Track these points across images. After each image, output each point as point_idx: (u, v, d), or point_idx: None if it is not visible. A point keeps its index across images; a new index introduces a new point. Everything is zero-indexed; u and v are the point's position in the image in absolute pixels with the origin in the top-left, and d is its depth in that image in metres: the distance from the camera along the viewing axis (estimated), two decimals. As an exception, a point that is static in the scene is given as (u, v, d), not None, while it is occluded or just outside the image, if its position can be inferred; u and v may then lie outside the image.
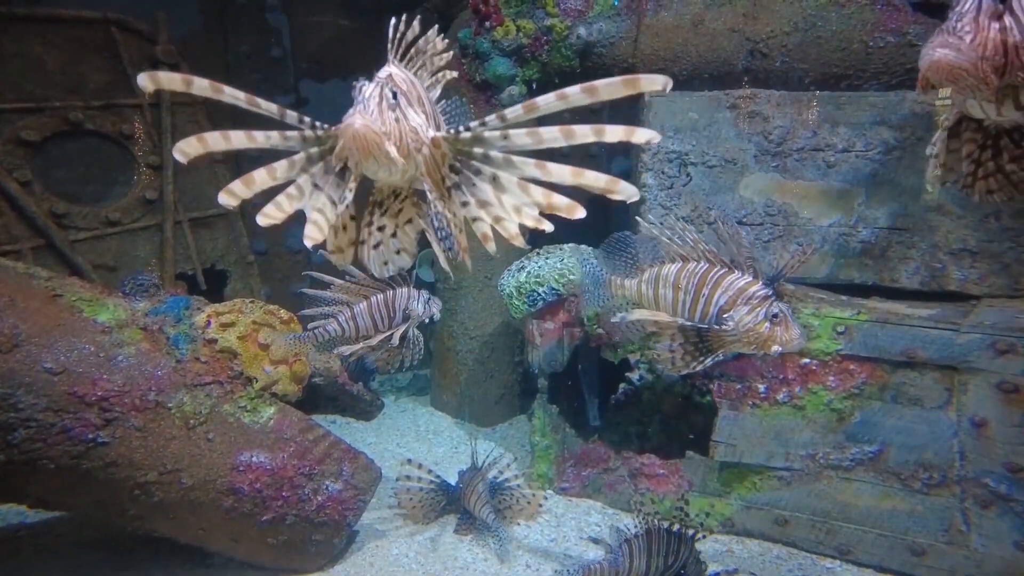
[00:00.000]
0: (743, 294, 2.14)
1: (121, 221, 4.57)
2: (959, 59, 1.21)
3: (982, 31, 1.21)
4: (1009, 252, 3.60)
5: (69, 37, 4.41)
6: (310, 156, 1.57)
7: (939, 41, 1.23)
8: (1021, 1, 1.22)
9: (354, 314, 2.69)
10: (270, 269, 5.67)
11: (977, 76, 1.21)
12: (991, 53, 1.21)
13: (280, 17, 5.33)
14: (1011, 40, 1.21)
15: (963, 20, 1.23)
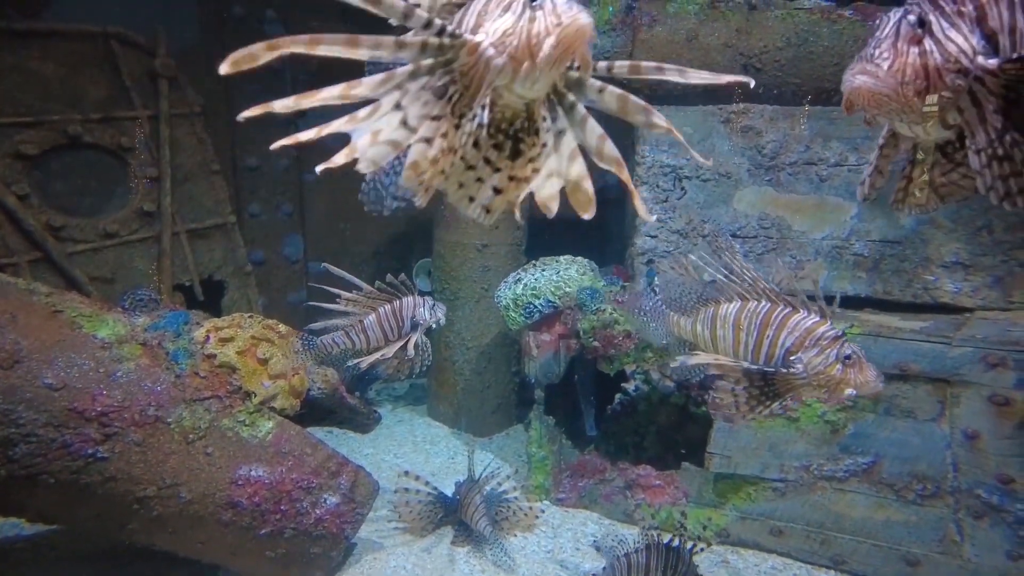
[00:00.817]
0: (811, 335, 2.02)
1: (118, 233, 4.58)
2: (879, 86, 1.22)
3: (901, 56, 1.22)
4: (1001, 265, 3.65)
5: (68, 51, 4.42)
6: (417, 70, 1.25)
7: (859, 68, 1.23)
8: (941, 23, 1.22)
9: (364, 326, 2.72)
10: (268, 279, 5.69)
11: (900, 101, 1.22)
12: (911, 78, 1.21)
13: (279, 29, 5.36)
14: (931, 63, 1.21)
15: (882, 46, 1.23)
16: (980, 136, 1.25)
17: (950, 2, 1.24)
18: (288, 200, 5.72)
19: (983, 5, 1.23)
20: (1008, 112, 1.22)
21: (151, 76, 4.71)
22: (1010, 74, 1.19)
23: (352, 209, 5.88)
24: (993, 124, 1.23)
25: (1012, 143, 1.21)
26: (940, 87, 1.21)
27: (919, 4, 1.25)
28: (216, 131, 5.15)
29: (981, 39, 1.23)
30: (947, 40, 1.22)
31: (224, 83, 5.29)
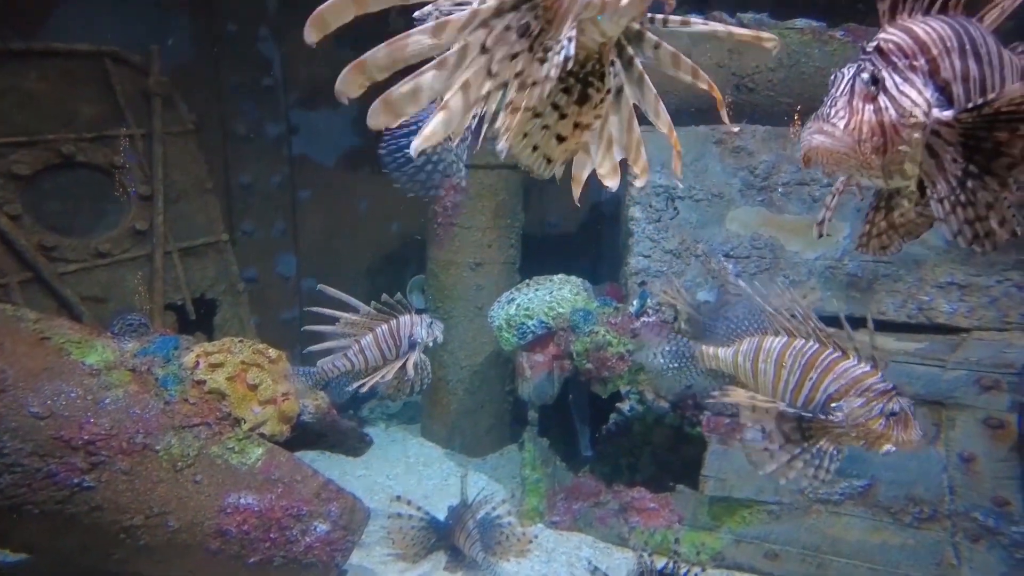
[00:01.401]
0: (859, 384, 1.91)
1: (111, 252, 4.56)
2: (836, 145, 1.21)
3: (857, 115, 1.21)
4: (996, 286, 3.65)
5: (63, 70, 4.42)
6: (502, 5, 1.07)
7: (815, 128, 1.23)
8: (895, 79, 1.22)
9: (362, 347, 2.71)
10: (261, 297, 5.67)
11: (858, 159, 1.22)
12: (868, 135, 1.21)
13: (272, 47, 5.38)
14: (887, 120, 1.21)
15: (837, 105, 1.23)
16: (941, 185, 1.24)
17: (902, 56, 1.24)
18: (281, 217, 5.71)
19: (934, 58, 1.23)
20: (968, 158, 1.21)
21: (145, 94, 4.70)
22: (966, 123, 1.19)
23: (346, 226, 5.93)
24: (953, 172, 1.22)
25: (974, 189, 1.21)
26: (897, 142, 1.21)
27: (872, 60, 1.24)
28: (209, 149, 5.14)
29: (935, 91, 1.23)
30: (901, 96, 1.22)
31: (218, 101, 5.30)
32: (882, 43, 1.25)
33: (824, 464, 1.94)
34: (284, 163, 5.62)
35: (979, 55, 1.25)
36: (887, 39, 1.25)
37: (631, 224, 3.87)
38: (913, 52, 1.23)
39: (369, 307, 2.80)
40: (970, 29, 1.27)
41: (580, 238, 6.21)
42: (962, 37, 1.25)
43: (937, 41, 1.23)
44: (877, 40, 1.26)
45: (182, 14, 5.04)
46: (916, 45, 1.23)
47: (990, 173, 1.19)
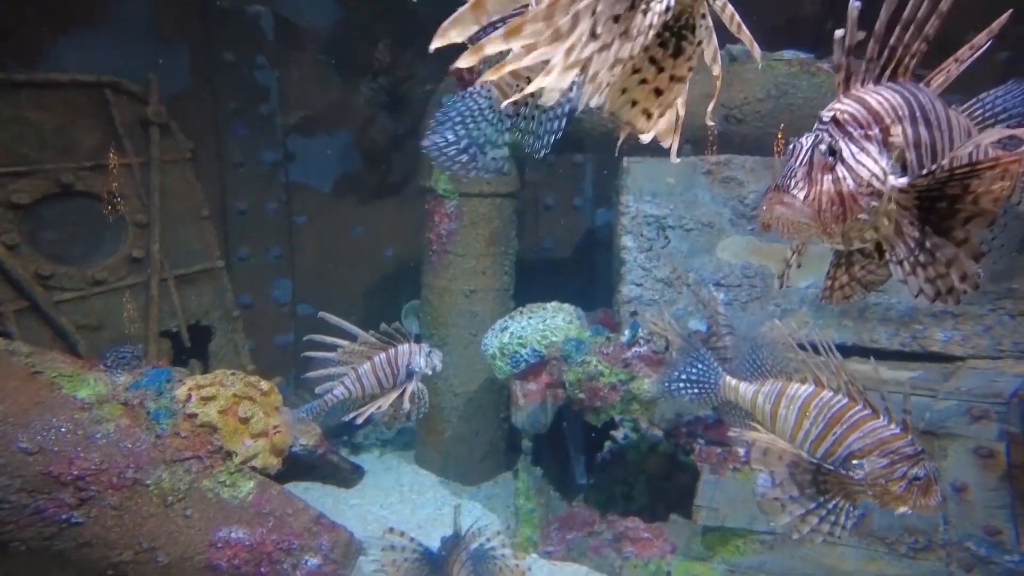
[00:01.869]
0: (886, 446, 1.87)
1: (107, 280, 4.57)
2: (796, 216, 1.23)
3: (815, 185, 1.23)
4: (990, 315, 3.68)
5: (64, 100, 4.46)
6: None
7: (776, 198, 1.24)
8: (851, 149, 1.25)
9: (359, 375, 2.70)
10: (255, 322, 5.68)
11: (818, 227, 1.24)
12: (827, 205, 1.23)
13: (269, 75, 5.44)
14: (845, 190, 1.23)
15: (796, 176, 1.25)
16: (900, 248, 1.27)
17: (857, 126, 1.26)
18: (277, 243, 5.74)
19: (888, 127, 1.26)
20: (924, 220, 1.24)
21: (143, 123, 4.75)
22: (920, 188, 1.22)
23: (341, 251, 5.96)
24: (911, 235, 1.25)
25: (933, 247, 1.23)
26: (856, 211, 1.23)
27: (828, 131, 1.26)
28: (206, 176, 5.19)
29: (889, 159, 1.26)
30: (858, 165, 1.24)
31: (215, 128, 5.36)
32: (838, 114, 1.27)
33: (840, 520, 1.90)
34: (281, 189, 5.67)
35: (929, 120, 1.28)
36: (843, 110, 1.28)
37: (623, 253, 3.90)
38: (868, 122, 1.26)
39: (368, 335, 2.81)
40: (919, 96, 1.30)
41: (575, 263, 6.25)
42: (912, 104, 1.28)
43: (889, 110, 1.26)
44: (833, 111, 1.28)
45: (180, 44, 5.11)
46: (870, 115, 1.26)
47: (947, 231, 1.22)
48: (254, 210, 5.57)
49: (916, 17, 1.24)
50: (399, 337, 2.77)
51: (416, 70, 5.45)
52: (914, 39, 1.27)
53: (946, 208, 1.21)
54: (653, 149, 1.42)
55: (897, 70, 1.30)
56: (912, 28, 1.25)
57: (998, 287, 3.78)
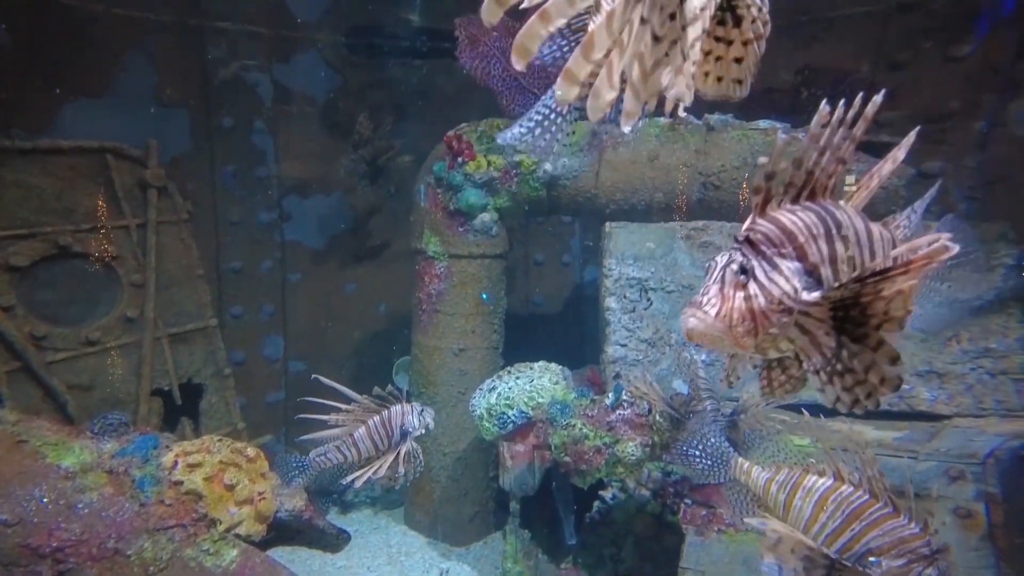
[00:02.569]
0: (904, 545, 1.85)
1: (100, 340, 4.63)
2: (709, 330, 1.28)
3: (727, 302, 1.28)
4: (971, 374, 3.74)
5: (66, 165, 4.57)
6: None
7: (691, 312, 1.30)
8: (763, 267, 1.30)
9: (355, 440, 2.74)
10: (247, 379, 5.71)
11: (730, 341, 1.29)
12: (739, 321, 1.28)
13: (266, 138, 5.61)
14: (756, 307, 1.28)
15: (710, 293, 1.31)
16: (816, 358, 1.31)
17: (770, 246, 1.31)
18: (270, 301, 5.82)
19: (801, 244, 1.31)
20: (839, 330, 1.28)
21: (142, 186, 4.86)
22: (834, 300, 1.27)
23: (334, 308, 6.03)
24: (827, 345, 1.29)
25: (850, 356, 1.27)
26: (767, 326, 1.28)
27: (741, 251, 1.32)
28: (202, 235, 5.30)
29: (803, 275, 1.31)
30: (770, 283, 1.29)
31: (212, 190, 5.50)
32: (751, 235, 1.33)
33: None
34: (276, 248, 5.78)
35: (846, 237, 1.34)
36: (756, 230, 1.33)
37: (607, 314, 3.97)
38: (780, 241, 1.31)
39: (363, 398, 2.86)
40: (836, 214, 1.36)
41: (565, 317, 6.33)
42: (828, 222, 1.33)
43: (803, 229, 1.31)
44: (747, 232, 1.34)
45: (181, 109, 5.29)
46: (783, 234, 1.31)
47: (862, 338, 1.26)
48: (249, 268, 5.66)
49: (833, 143, 1.31)
50: (392, 399, 2.82)
51: (396, 141, 5.68)
52: (831, 163, 1.33)
53: (860, 316, 1.25)
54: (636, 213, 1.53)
55: (816, 191, 1.36)
56: (829, 153, 1.32)
57: (975, 347, 3.85)
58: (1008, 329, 3.85)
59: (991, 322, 3.87)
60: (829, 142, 1.30)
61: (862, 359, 1.25)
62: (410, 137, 5.74)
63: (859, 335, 1.26)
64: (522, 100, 4.18)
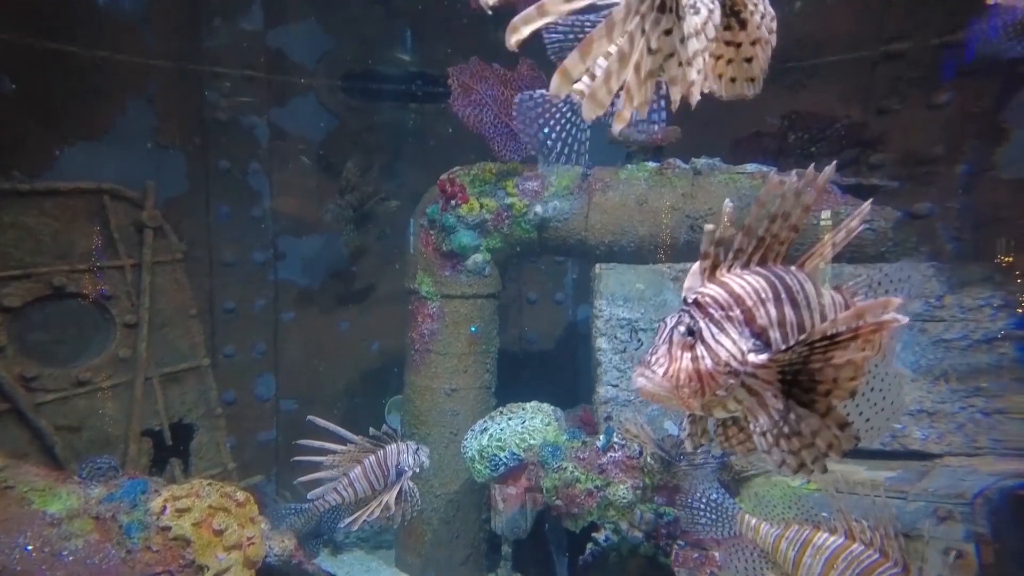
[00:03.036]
0: None
1: (91, 381, 4.61)
2: (655, 390, 1.31)
3: (675, 362, 1.30)
4: (961, 412, 3.76)
5: (63, 206, 4.59)
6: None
7: (639, 371, 1.33)
8: (711, 330, 1.32)
9: (351, 480, 2.76)
10: (238, 419, 5.67)
11: (678, 401, 1.31)
12: (685, 381, 1.29)
13: (262, 180, 5.69)
14: (703, 368, 1.30)
15: (658, 353, 1.33)
16: (763, 420, 1.32)
17: (718, 309, 1.34)
18: (263, 340, 5.82)
19: (750, 308, 1.34)
20: (787, 393, 1.29)
21: (138, 227, 4.90)
22: (781, 363, 1.28)
23: (326, 346, 6.04)
24: (774, 407, 1.30)
25: (797, 419, 1.27)
26: (713, 387, 1.30)
27: (690, 313, 1.35)
28: (196, 274, 5.32)
29: (751, 337, 1.33)
30: (717, 345, 1.31)
31: (207, 231, 5.55)
32: (700, 297, 1.37)
33: None
34: (269, 288, 5.80)
35: (796, 301, 1.37)
36: (704, 294, 1.37)
37: (598, 355, 4.00)
38: (728, 304, 1.34)
39: (358, 438, 2.86)
40: (786, 279, 1.38)
41: (558, 355, 6.34)
42: (777, 287, 1.36)
43: (752, 293, 1.34)
44: (696, 295, 1.38)
45: (178, 151, 5.37)
46: (731, 298, 1.34)
47: (810, 403, 1.26)
48: (242, 308, 5.68)
49: (784, 211, 1.35)
50: (387, 439, 2.83)
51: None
52: (784, 230, 1.37)
53: (807, 382, 1.26)
54: (625, 255, 1.57)
55: (767, 256, 1.40)
56: (779, 220, 1.36)
57: (965, 386, 3.88)
58: (1001, 369, 3.87)
59: (980, 361, 3.90)
60: (781, 210, 1.35)
61: (809, 424, 1.26)
62: (404, 179, 5.84)
63: (807, 399, 1.27)
64: (513, 146, 4.28)
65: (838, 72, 5.01)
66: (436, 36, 5.83)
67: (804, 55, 5.10)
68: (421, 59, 5.93)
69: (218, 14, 5.29)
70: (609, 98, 1.21)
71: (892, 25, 4.73)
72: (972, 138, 4.52)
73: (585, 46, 1.16)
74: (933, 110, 4.60)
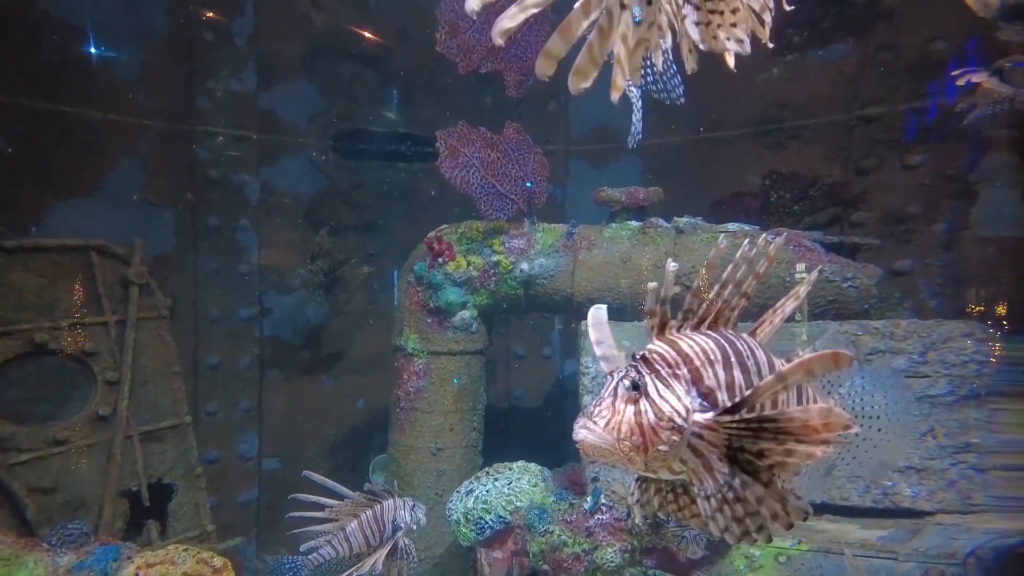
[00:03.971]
0: None
1: (69, 439, 4.50)
2: (596, 441, 1.29)
3: (617, 415, 1.30)
4: (952, 469, 3.73)
5: (50, 262, 4.57)
6: None
7: (581, 423, 1.32)
8: (656, 385, 1.32)
9: (347, 534, 2.72)
10: (220, 477, 5.54)
11: (618, 454, 1.30)
12: (627, 434, 1.28)
13: (250, 236, 5.71)
14: (645, 422, 1.29)
15: (602, 405, 1.33)
16: (708, 483, 1.30)
17: (665, 366, 1.35)
18: (247, 397, 5.74)
19: (697, 368, 1.34)
20: (734, 459, 1.28)
21: (123, 283, 4.87)
22: (729, 427, 1.28)
23: (310, 404, 5.95)
24: (719, 470, 1.29)
25: (742, 485, 1.26)
26: (656, 442, 1.28)
27: (636, 368, 1.35)
28: (181, 331, 5.28)
29: (698, 397, 1.32)
30: (661, 400, 1.30)
31: (195, 287, 5.53)
32: (647, 353, 1.38)
33: None
34: (254, 344, 5.76)
35: (745, 365, 1.38)
36: (652, 350, 1.38)
37: (586, 412, 3.96)
38: (676, 362, 1.35)
39: (355, 494, 2.84)
40: (737, 343, 1.40)
41: (546, 410, 6.28)
42: (727, 350, 1.38)
43: (700, 353, 1.36)
44: (643, 351, 1.39)
45: (168, 209, 5.41)
46: (679, 356, 1.35)
47: (755, 473, 1.25)
48: (226, 364, 5.62)
49: (736, 278, 1.38)
50: (383, 495, 2.81)
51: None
52: (733, 296, 1.41)
53: (756, 453, 1.25)
54: (612, 312, 1.58)
55: (719, 320, 1.43)
56: (731, 287, 1.40)
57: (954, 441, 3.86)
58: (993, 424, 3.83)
59: (968, 417, 3.89)
60: (732, 277, 1.36)
61: (754, 491, 1.25)
62: (392, 236, 5.90)
63: (752, 469, 1.26)
64: (499, 205, 4.36)
65: (818, 134, 5.17)
66: (424, 99, 6.00)
67: (784, 117, 5.27)
68: (410, 120, 6.08)
69: (211, 75, 5.42)
70: (594, 71, 1.23)
71: (867, 90, 4.92)
72: (947, 198, 4.65)
73: (564, 27, 1.19)
74: (908, 171, 4.74)
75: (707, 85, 4.20)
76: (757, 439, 1.24)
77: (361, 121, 6.03)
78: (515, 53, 4.12)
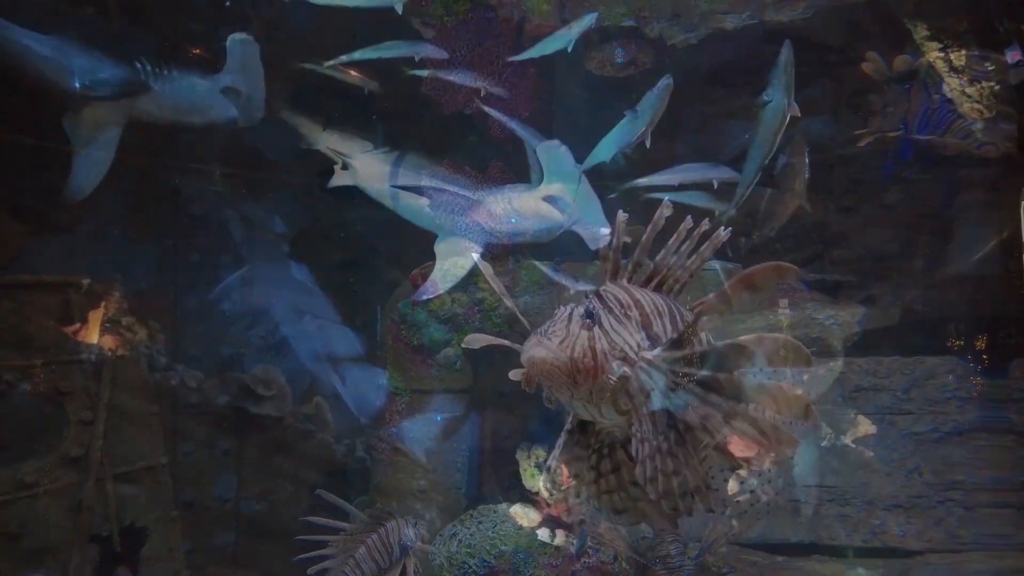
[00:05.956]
0: None
1: (37, 483, 4.35)
2: (550, 357, 1.33)
3: (571, 336, 1.34)
4: (939, 507, 3.71)
5: (25, 300, 4.51)
6: None
7: (534, 341, 1.36)
8: (609, 319, 1.38)
9: (357, 560, 2.75)
10: (196, 521, 5.37)
11: (570, 374, 1.32)
12: (580, 354, 1.32)
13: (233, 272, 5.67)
14: (598, 347, 1.34)
15: (555, 326, 1.36)
16: (646, 424, 1.34)
17: (618, 305, 1.41)
18: (226, 436, 5.60)
19: (647, 315, 1.42)
20: (671, 423, 1.34)
21: (102, 321, 4.80)
22: (668, 361, 1.35)
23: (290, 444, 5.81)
24: (660, 416, 1.33)
25: (677, 441, 1.31)
26: (606, 369, 1.32)
27: (591, 301, 1.42)
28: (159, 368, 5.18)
29: (647, 340, 1.39)
30: (613, 331, 1.37)
31: (173, 324, 5.45)
32: (602, 292, 1.45)
33: None
34: (235, 380, 5.65)
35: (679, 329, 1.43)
36: (607, 290, 1.45)
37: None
38: (628, 304, 1.41)
39: (361, 513, 2.95)
40: (681, 310, 1.47)
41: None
42: (672, 311, 1.45)
43: (650, 303, 1.43)
44: (598, 289, 1.46)
45: (149, 246, 5.37)
46: (631, 300, 1.43)
47: (685, 444, 1.31)
48: (206, 403, 5.50)
49: (681, 250, 1.46)
50: (385, 516, 2.89)
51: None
52: (679, 268, 1.47)
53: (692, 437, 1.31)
54: None
55: (662, 287, 1.49)
56: (675, 257, 1.47)
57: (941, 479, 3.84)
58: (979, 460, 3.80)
59: (953, 455, 3.88)
60: (675, 245, 1.46)
61: (685, 452, 1.30)
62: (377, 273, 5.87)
63: (683, 439, 1.33)
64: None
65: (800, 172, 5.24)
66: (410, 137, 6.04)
67: (766, 155, 5.35)
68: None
69: (197, 112, 5.43)
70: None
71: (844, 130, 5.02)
72: (924, 235, 4.73)
73: None
74: (885, 209, 4.83)
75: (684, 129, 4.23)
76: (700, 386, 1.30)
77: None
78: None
